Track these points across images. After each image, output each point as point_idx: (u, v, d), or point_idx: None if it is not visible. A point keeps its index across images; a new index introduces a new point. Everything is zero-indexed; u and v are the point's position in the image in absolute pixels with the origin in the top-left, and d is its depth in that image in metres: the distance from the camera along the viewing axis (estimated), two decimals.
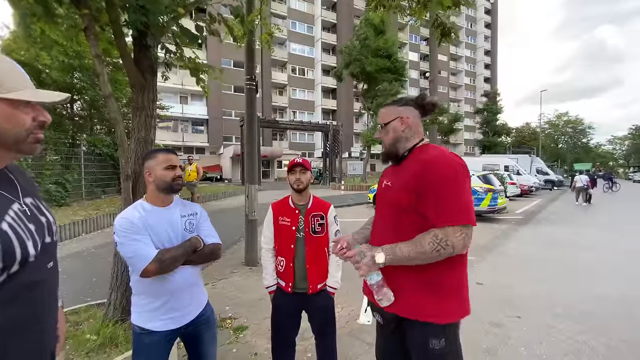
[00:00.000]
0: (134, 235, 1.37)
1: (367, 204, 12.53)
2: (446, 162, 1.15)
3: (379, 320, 1.36)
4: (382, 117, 1.35)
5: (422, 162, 1.19)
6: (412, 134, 1.30)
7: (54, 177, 8.28)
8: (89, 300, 3.09)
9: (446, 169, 1.14)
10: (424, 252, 1.10)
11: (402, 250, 1.13)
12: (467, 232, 1.11)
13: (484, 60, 58.72)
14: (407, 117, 1.30)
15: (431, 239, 1.10)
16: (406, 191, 1.20)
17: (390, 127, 1.32)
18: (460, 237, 1.10)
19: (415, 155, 1.27)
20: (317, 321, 1.90)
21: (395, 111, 1.32)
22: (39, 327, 0.78)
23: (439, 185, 1.13)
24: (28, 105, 0.76)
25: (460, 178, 1.14)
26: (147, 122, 2.13)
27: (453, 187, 1.12)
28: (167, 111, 16.57)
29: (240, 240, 6.23)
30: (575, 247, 6.18)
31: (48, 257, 0.82)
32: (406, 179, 1.22)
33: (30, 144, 0.77)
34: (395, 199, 1.25)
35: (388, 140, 1.33)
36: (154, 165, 1.47)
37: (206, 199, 12.73)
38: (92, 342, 1.82)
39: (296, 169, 1.81)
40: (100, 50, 2.25)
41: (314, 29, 40.07)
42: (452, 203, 1.12)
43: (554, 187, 23.53)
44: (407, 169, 1.25)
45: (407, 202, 1.19)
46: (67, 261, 5.04)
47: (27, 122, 0.75)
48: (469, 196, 1.15)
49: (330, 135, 24.60)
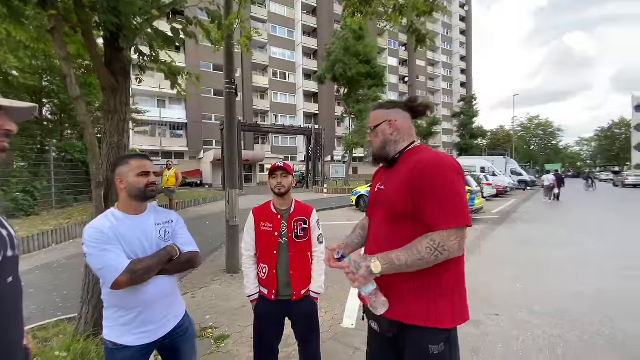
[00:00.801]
0: (104, 246, 1.31)
1: (349, 207, 12.60)
2: (438, 164, 1.13)
3: (374, 327, 1.32)
4: (371, 120, 1.35)
5: (413, 164, 1.18)
6: (401, 136, 1.29)
7: (22, 185, 7.83)
8: (59, 314, 2.93)
9: (438, 170, 1.12)
10: (421, 258, 1.07)
11: (399, 258, 1.09)
12: (461, 234, 1.10)
13: (460, 65, 60.82)
14: (396, 120, 1.29)
15: (428, 244, 1.08)
16: (400, 195, 1.18)
17: (379, 130, 1.31)
18: (455, 241, 1.08)
19: (407, 158, 1.25)
20: (301, 328, 1.87)
21: (383, 114, 1.31)
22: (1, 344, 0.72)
23: (431, 187, 1.11)
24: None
25: (452, 179, 1.12)
26: (119, 126, 2.05)
27: (445, 189, 1.10)
28: (144, 115, 16.09)
29: (222, 246, 6.09)
30: (548, 246, 6.45)
31: (8, 271, 0.77)
32: (399, 182, 1.20)
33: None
34: (389, 202, 1.23)
35: (377, 144, 1.32)
36: (126, 172, 1.41)
37: (186, 205, 12.40)
38: (61, 359, 1.71)
39: (277, 173, 1.79)
40: (70, 52, 2.16)
41: (295, 33, 40.19)
42: (445, 206, 1.10)
43: (527, 187, 24.59)
44: (399, 171, 1.24)
45: (402, 205, 1.17)
46: (35, 273, 4.75)
47: None
48: (462, 197, 1.13)
49: (312, 138, 24.66)
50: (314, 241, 1.87)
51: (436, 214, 1.10)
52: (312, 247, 1.87)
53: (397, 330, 1.21)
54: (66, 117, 11.17)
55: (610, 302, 3.61)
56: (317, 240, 1.87)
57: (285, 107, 39.22)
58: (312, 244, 1.87)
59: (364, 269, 1.11)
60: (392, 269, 1.10)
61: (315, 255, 1.88)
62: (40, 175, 8.62)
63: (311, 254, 1.87)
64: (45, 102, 10.74)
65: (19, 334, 0.82)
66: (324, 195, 18.49)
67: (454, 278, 1.18)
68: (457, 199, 1.11)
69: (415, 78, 52.72)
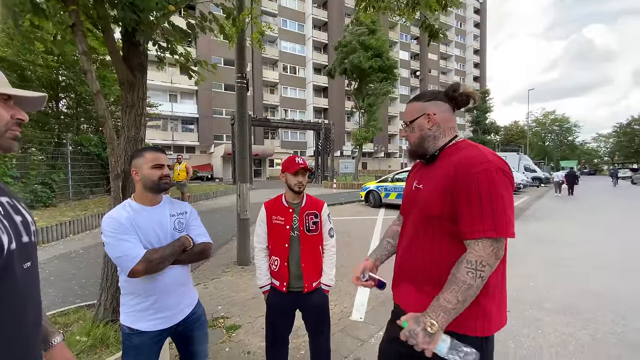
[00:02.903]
0: (121, 235, 1.36)
1: (359, 202, 12.59)
2: (482, 164, 1.01)
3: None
4: (407, 113, 1.23)
5: (454, 163, 1.07)
6: (441, 131, 1.17)
7: (40, 177, 8.07)
8: (79, 301, 3.04)
9: (483, 171, 0.99)
10: (468, 286, 0.96)
11: (448, 301, 0.97)
12: (498, 246, 0.98)
13: (473, 59, 59.55)
14: (434, 114, 1.16)
15: (466, 268, 0.97)
16: (437, 195, 1.08)
17: (415, 125, 1.19)
18: (492, 253, 0.97)
19: (448, 155, 1.14)
20: (311, 319, 1.91)
21: (420, 107, 1.19)
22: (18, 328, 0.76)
23: (472, 189, 0.99)
24: (6, 102, 0.78)
25: (497, 182, 0.99)
26: (137, 120, 2.10)
27: (488, 192, 0.97)
28: (156, 109, 16.34)
29: (232, 239, 6.20)
30: (560, 243, 6.34)
31: (25, 256, 0.80)
32: (438, 181, 1.10)
33: (9, 139, 0.80)
34: (426, 203, 1.13)
35: (413, 139, 1.21)
36: (141, 164, 1.45)
37: (197, 199, 12.60)
38: (82, 343, 1.79)
39: (299, 172, 1.79)
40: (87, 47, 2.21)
41: (305, 27, 39.96)
42: (485, 212, 0.97)
43: (541, 184, 24.06)
44: (439, 170, 1.13)
45: (438, 208, 1.07)
46: (54, 263, 4.93)
47: (6, 117, 0.78)
48: (506, 204, 0.99)
49: (322, 133, 24.62)
50: (325, 235, 1.89)
51: (473, 220, 0.99)
52: (323, 241, 1.89)
53: None
54: (82, 111, 11.44)
55: (622, 301, 3.54)
56: (328, 234, 1.90)
57: (295, 102, 39.20)
58: (323, 238, 1.89)
59: (421, 335, 0.98)
60: (449, 317, 0.97)
61: (326, 249, 1.90)
62: (58, 167, 8.87)
63: (322, 247, 1.90)
64: (62, 96, 11.00)
65: (35, 318, 0.86)
66: (333, 190, 18.51)
67: (492, 281, 1.06)
68: (499, 205, 0.98)
69: (427, 72, 51.88)
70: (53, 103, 9.77)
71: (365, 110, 22.62)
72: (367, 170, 41.12)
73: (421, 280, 1.15)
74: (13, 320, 0.75)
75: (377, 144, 42.73)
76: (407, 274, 1.22)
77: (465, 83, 1.19)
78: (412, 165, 1.42)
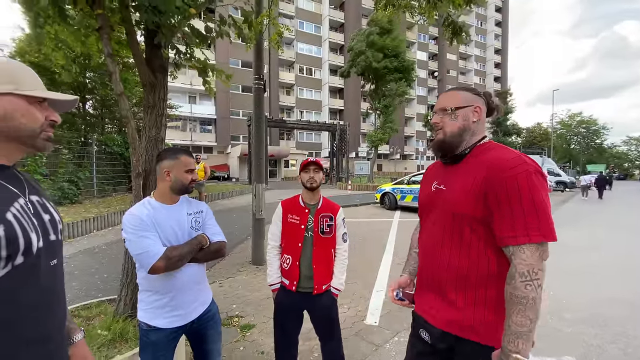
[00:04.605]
0: (142, 232, 1.38)
1: (374, 204, 12.48)
2: (520, 165, 0.96)
3: (424, 336, 1.16)
4: (454, 99, 1.14)
5: (485, 163, 1.02)
6: (479, 129, 1.13)
7: (67, 175, 8.44)
8: (100, 295, 3.14)
9: (523, 174, 0.95)
10: (534, 300, 0.90)
11: (521, 324, 0.90)
12: (543, 250, 0.93)
13: (494, 59, 57.97)
14: (481, 109, 1.13)
15: (523, 282, 0.91)
16: (469, 196, 1.02)
17: (460, 112, 1.12)
18: (539, 258, 0.92)
19: (478, 155, 1.09)
20: (320, 322, 1.90)
21: (470, 98, 1.13)
22: (44, 325, 0.78)
23: (512, 192, 0.94)
24: (41, 104, 0.82)
25: (537, 185, 0.95)
26: (157, 120, 2.16)
27: (531, 195, 0.93)
28: (176, 110, 16.79)
29: (247, 239, 6.27)
30: (583, 249, 6.05)
31: (52, 254, 0.83)
32: (468, 182, 1.04)
33: (43, 140, 0.83)
34: (453, 204, 1.07)
35: (452, 128, 1.12)
36: (175, 166, 1.48)
37: (214, 198, 12.83)
38: (103, 337, 1.84)
39: (310, 168, 1.81)
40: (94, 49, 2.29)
41: (322, 29, 40.08)
42: (529, 216, 0.93)
43: (566, 188, 23.10)
44: (466, 170, 1.08)
45: (470, 208, 1.02)
46: (79, 257, 5.14)
47: (41, 119, 0.82)
48: (548, 207, 0.95)
49: (337, 135, 24.60)
50: (338, 239, 1.88)
51: (515, 224, 0.93)
52: (335, 245, 1.88)
53: (450, 343, 1.08)
54: (106, 112, 11.90)
55: None
56: (342, 238, 1.88)
57: (310, 103, 39.36)
58: (336, 241, 1.88)
59: None
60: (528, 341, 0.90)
61: (338, 253, 1.89)
62: (84, 166, 9.26)
63: (334, 250, 1.88)
64: (88, 97, 11.47)
65: (61, 314, 0.88)
66: (348, 192, 18.45)
67: None
68: (542, 208, 0.94)
69: (446, 72, 50.91)
70: (80, 104, 10.18)
71: (381, 112, 22.42)
72: (382, 172, 40.73)
73: (445, 287, 1.09)
74: (41, 316, 0.77)
75: (393, 145, 42.24)
76: (429, 280, 1.16)
77: (488, 87, 1.14)
78: (428, 167, 1.35)
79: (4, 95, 0.75)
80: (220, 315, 1.72)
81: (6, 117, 0.75)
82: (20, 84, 0.77)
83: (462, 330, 1.04)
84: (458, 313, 1.05)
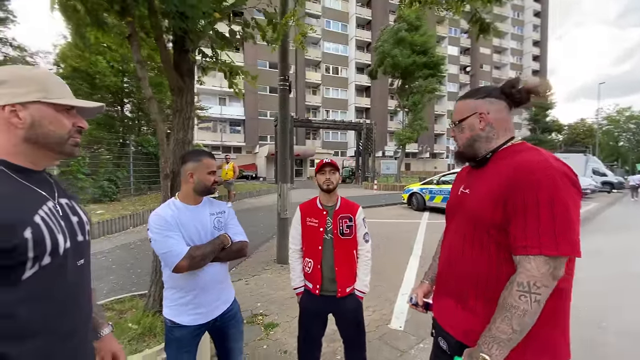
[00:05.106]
0: (167, 232, 1.43)
1: (400, 205, 12.20)
2: (544, 169, 0.88)
3: (443, 345, 1.13)
4: (456, 112, 1.14)
5: (509, 167, 0.96)
6: (494, 132, 1.06)
7: (107, 174, 9.03)
8: (134, 290, 3.31)
9: (545, 179, 0.87)
10: (524, 312, 0.84)
11: (502, 331, 0.86)
12: (555, 265, 0.84)
13: (532, 51, 54.65)
14: (488, 113, 1.06)
15: (519, 292, 0.85)
16: (488, 202, 0.97)
17: (465, 124, 1.10)
18: (547, 273, 0.84)
19: (502, 158, 1.03)
20: (345, 325, 1.86)
21: (471, 105, 1.09)
22: (69, 322, 0.82)
23: (528, 198, 0.87)
24: (69, 112, 0.85)
25: (560, 193, 0.86)
26: (185, 123, 2.23)
27: (551, 204, 0.85)
28: (207, 112, 17.40)
29: (273, 237, 6.35)
30: (632, 255, 5.51)
31: (79, 254, 0.87)
32: (490, 187, 1.00)
33: (70, 146, 0.87)
34: (474, 210, 1.03)
35: (462, 141, 1.12)
36: (198, 168, 1.52)
37: (242, 197, 13.16)
38: (133, 331, 1.93)
39: (325, 169, 1.79)
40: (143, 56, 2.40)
41: (348, 27, 39.86)
42: (545, 225, 0.85)
43: (613, 189, 21.26)
44: (490, 174, 1.03)
45: (488, 216, 0.97)
46: (116, 252, 5.46)
47: (68, 126, 0.85)
48: (571, 216, 0.85)
49: (363, 133, 24.34)
50: (360, 239, 1.83)
51: (528, 233, 0.86)
52: (357, 245, 1.84)
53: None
54: (142, 114, 12.59)
55: None
56: (363, 238, 1.84)
57: (336, 102, 39.29)
58: (358, 242, 1.84)
59: None
60: (504, 350, 0.86)
61: (360, 254, 1.84)
62: (121, 166, 9.86)
63: (357, 252, 1.84)
64: (126, 101, 12.20)
65: (87, 311, 0.92)
66: (374, 192, 18.19)
67: (555, 305, 0.90)
68: (562, 217, 0.84)
69: (479, 67, 48.74)
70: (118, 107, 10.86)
71: (410, 109, 21.85)
72: (410, 171, 39.79)
73: (465, 295, 1.04)
74: (67, 313, 0.81)
75: (422, 144, 41.11)
76: (449, 286, 1.12)
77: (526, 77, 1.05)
78: (460, 169, 1.30)
79: (32, 104, 0.78)
80: (242, 315, 1.74)
81: (34, 125, 0.79)
82: (49, 92, 0.80)
83: None
84: (476, 323, 0.99)
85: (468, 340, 1.01)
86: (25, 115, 0.77)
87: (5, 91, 0.76)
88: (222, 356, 1.68)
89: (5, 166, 0.77)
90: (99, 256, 5.17)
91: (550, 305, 0.88)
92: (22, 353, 0.70)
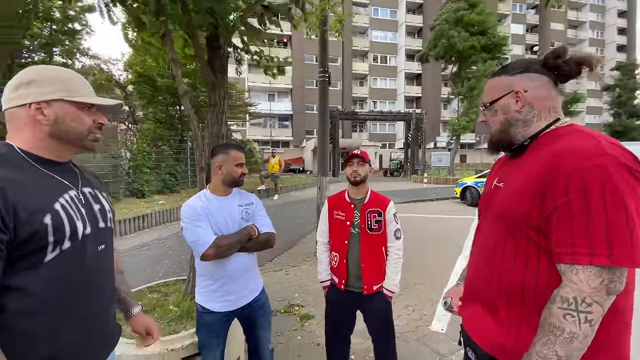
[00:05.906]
0: (196, 222, 1.49)
1: (453, 199, 11.45)
2: (595, 157, 0.70)
3: (471, 356, 1.02)
4: (486, 92, 0.96)
5: (551, 155, 0.78)
6: (535, 113, 0.88)
7: (168, 168, 9.94)
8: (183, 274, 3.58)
9: (593, 167, 0.69)
10: (572, 335, 0.68)
11: (544, 356, 0.71)
12: (612, 277, 0.68)
13: (617, 24, 46.81)
14: (525, 91, 0.88)
15: (563, 310, 0.70)
16: (524, 197, 0.81)
17: (497, 106, 0.92)
18: (600, 287, 0.68)
19: (542, 145, 0.85)
20: (373, 324, 1.79)
21: (505, 83, 0.91)
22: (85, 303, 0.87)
23: (575, 193, 0.70)
24: (90, 109, 0.91)
25: (617, 185, 0.68)
26: (218, 117, 2.31)
27: (601, 199, 0.68)
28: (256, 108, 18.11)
29: (315, 229, 6.41)
30: None
31: (100, 240, 0.93)
32: (524, 179, 0.83)
33: (90, 141, 0.92)
34: (505, 207, 0.88)
35: (495, 126, 0.94)
36: (226, 161, 1.56)
37: (287, 190, 13.51)
38: (173, 312, 2.08)
39: (353, 161, 1.72)
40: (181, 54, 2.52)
41: (398, 13, 38.17)
42: (596, 228, 0.68)
43: None
44: (527, 163, 0.86)
45: (525, 213, 0.80)
46: (173, 239, 5.99)
47: (89, 122, 0.90)
48: (631, 217, 0.67)
49: (412, 124, 23.27)
50: (390, 236, 1.73)
51: (575, 237, 0.70)
52: (387, 242, 1.73)
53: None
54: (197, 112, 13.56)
55: None
56: (394, 235, 1.72)
57: (384, 93, 38.14)
58: (387, 239, 1.73)
59: None
60: None
61: (390, 251, 1.74)
62: (180, 160, 10.75)
63: (386, 248, 1.74)
64: None
65: (110, 294, 0.98)
66: (424, 186, 17.36)
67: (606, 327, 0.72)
68: (619, 218, 0.67)
69: (549, 45, 43.28)
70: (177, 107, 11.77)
71: (465, 96, 20.22)
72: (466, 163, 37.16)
73: (495, 304, 0.90)
74: (85, 295, 0.87)
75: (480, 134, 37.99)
76: (478, 293, 0.98)
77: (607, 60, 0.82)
78: (496, 161, 1.12)
79: (55, 102, 0.84)
80: (278, 304, 1.78)
81: (57, 121, 0.85)
82: (71, 91, 0.86)
83: (508, 356, 0.85)
84: (507, 338, 0.85)
85: (495, 353, 0.88)
86: (49, 113, 0.84)
87: (32, 90, 0.83)
88: (250, 342, 1.73)
89: (32, 159, 0.84)
90: (158, 242, 5.71)
91: (605, 327, 0.71)
92: (32, 326, 0.76)
